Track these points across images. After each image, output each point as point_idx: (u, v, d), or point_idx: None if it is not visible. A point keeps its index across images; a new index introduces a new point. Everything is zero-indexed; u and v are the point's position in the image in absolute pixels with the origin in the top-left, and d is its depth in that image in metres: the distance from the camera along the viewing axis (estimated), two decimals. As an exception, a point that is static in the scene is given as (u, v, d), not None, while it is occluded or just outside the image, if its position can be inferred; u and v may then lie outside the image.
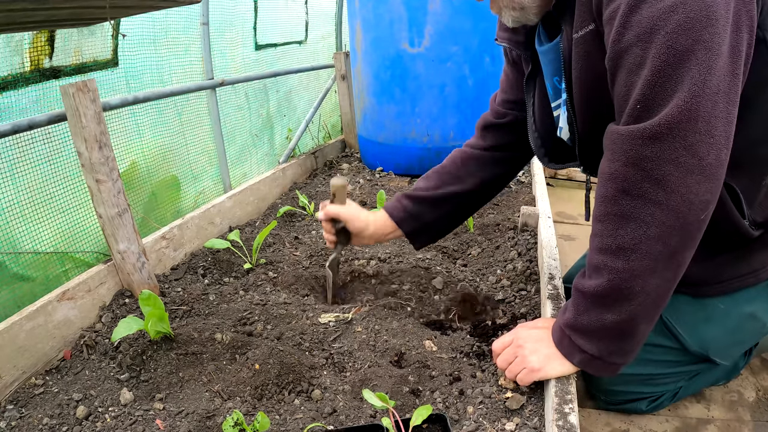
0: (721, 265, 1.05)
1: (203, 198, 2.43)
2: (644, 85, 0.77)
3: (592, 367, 0.94)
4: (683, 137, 0.75)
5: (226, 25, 2.54)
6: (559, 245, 2.24)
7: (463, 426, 0.97)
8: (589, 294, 0.90)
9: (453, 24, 2.31)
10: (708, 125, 0.75)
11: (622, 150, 0.81)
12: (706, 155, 0.76)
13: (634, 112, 0.80)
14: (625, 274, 0.84)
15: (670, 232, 0.80)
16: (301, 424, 1.01)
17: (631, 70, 0.79)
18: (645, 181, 0.79)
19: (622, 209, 0.82)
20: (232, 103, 2.67)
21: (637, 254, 0.82)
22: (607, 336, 0.90)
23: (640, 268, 0.83)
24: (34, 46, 1.57)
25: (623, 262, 0.84)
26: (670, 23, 0.74)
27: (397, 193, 1.41)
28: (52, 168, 1.63)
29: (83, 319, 1.32)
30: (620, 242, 0.84)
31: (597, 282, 0.88)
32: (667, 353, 1.14)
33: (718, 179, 0.79)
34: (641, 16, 0.76)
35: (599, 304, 0.89)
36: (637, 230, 0.82)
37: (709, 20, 0.73)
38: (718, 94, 0.75)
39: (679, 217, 0.79)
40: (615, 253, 0.85)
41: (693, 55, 0.73)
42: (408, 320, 1.34)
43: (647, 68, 0.77)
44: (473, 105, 2.48)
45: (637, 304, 0.85)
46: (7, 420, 1.04)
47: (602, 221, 0.87)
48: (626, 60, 0.80)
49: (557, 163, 1.23)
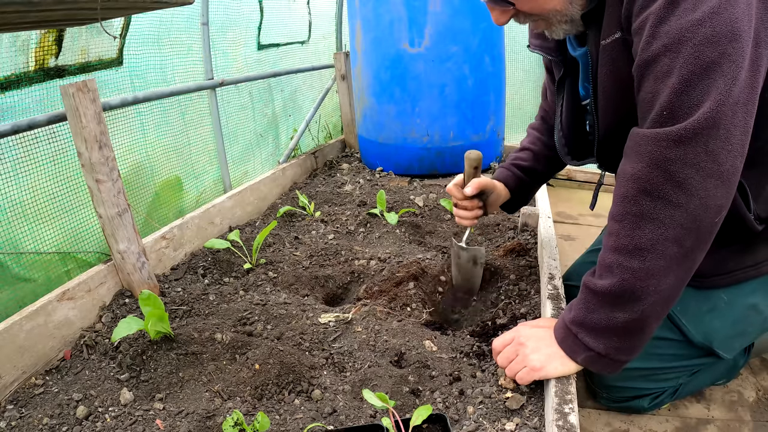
0: (725, 258, 1.09)
1: (204, 198, 2.44)
2: (671, 93, 0.81)
3: (597, 365, 0.95)
4: (705, 143, 0.79)
5: (229, 24, 2.54)
6: (559, 245, 2.24)
7: (463, 426, 0.97)
8: (601, 293, 0.91)
9: (453, 24, 2.31)
10: (728, 133, 0.79)
11: (646, 151, 0.84)
12: (724, 161, 0.80)
13: (660, 117, 0.83)
14: (641, 273, 0.86)
15: (687, 234, 0.83)
16: (301, 424, 1.01)
17: (658, 77, 0.83)
18: (667, 183, 0.82)
19: (642, 209, 0.85)
20: (235, 103, 2.67)
21: (653, 255, 0.85)
22: (616, 334, 0.91)
23: (655, 269, 0.85)
24: (41, 46, 1.56)
25: (639, 262, 0.86)
26: (698, 35, 0.78)
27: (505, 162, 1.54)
28: (55, 168, 1.64)
29: (83, 319, 1.32)
30: (637, 242, 0.86)
31: (610, 281, 0.89)
32: (671, 346, 1.16)
33: (733, 185, 0.83)
34: (669, 27, 0.80)
35: (611, 303, 0.90)
36: (655, 231, 0.84)
37: (734, 35, 0.77)
38: (738, 105, 0.79)
39: (696, 219, 0.82)
40: (631, 252, 0.87)
41: (719, 67, 0.78)
42: (408, 320, 1.34)
43: (675, 77, 0.80)
44: (473, 105, 2.48)
45: (650, 303, 0.87)
46: (7, 420, 1.04)
47: (620, 221, 0.89)
48: (654, 68, 0.84)
49: (577, 161, 1.31)
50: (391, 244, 1.80)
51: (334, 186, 2.46)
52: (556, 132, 1.31)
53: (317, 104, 3.18)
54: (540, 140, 1.49)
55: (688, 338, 1.14)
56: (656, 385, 1.21)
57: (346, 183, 2.49)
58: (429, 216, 2.07)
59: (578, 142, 1.29)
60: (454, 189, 1.44)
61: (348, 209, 2.13)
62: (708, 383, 1.32)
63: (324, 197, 2.30)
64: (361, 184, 2.47)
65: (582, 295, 0.96)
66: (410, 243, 1.83)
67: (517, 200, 1.53)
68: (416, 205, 2.14)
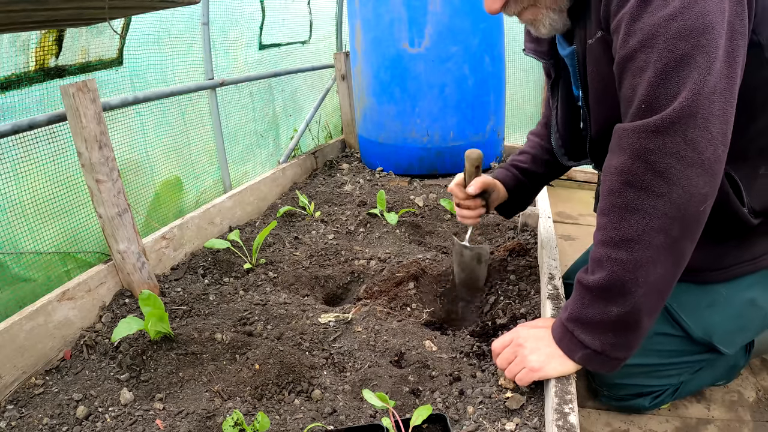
0: (723, 253, 1.10)
1: (204, 198, 2.44)
2: (648, 86, 0.83)
3: (594, 363, 0.95)
4: (684, 132, 0.80)
5: (230, 24, 2.54)
6: (559, 245, 2.24)
7: (463, 426, 0.97)
8: (593, 287, 0.92)
9: (453, 24, 2.31)
10: (706, 122, 0.80)
11: (627, 144, 0.86)
12: (704, 150, 0.81)
13: (639, 111, 0.85)
14: (629, 265, 0.87)
15: (672, 223, 0.84)
16: (301, 424, 1.01)
17: (636, 73, 0.85)
18: (648, 172, 0.83)
19: (626, 201, 0.86)
20: (236, 103, 2.67)
21: (639, 245, 0.86)
22: (611, 329, 0.92)
23: (642, 259, 0.86)
24: (41, 46, 1.56)
25: (626, 253, 0.87)
26: (670, 30, 0.81)
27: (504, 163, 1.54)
28: (55, 168, 1.64)
29: (83, 319, 1.32)
30: (624, 234, 0.87)
31: (601, 275, 0.90)
32: (672, 342, 1.17)
33: (716, 174, 0.84)
34: (643, 23, 0.83)
35: (603, 297, 0.91)
36: (640, 221, 0.85)
37: (706, 27, 0.80)
38: (715, 95, 0.80)
39: (680, 208, 0.83)
40: (618, 244, 0.88)
41: (693, 59, 0.80)
42: (408, 320, 1.34)
43: (650, 70, 0.83)
44: (473, 105, 2.48)
45: (641, 295, 0.88)
46: (7, 420, 1.04)
47: (607, 214, 0.90)
48: (631, 65, 0.86)
49: (575, 161, 1.33)
50: (391, 244, 1.80)
51: (334, 186, 2.46)
52: (553, 133, 1.33)
53: (317, 104, 3.18)
54: (539, 144, 1.49)
55: (689, 333, 1.15)
56: (658, 382, 1.21)
57: (346, 183, 2.49)
58: (429, 216, 2.07)
59: (575, 142, 1.30)
60: (456, 189, 1.43)
61: (348, 209, 2.13)
62: (708, 383, 1.32)
63: (324, 197, 2.30)
64: (361, 184, 2.47)
65: (576, 293, 0.97)
66: (410, 243, 1.83)
67: (514, 202, 1.53)
68: (416, 205, 2.14)
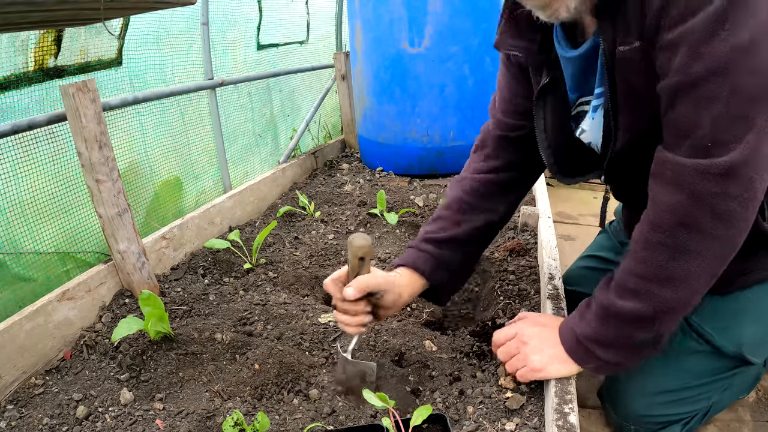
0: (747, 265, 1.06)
1: (204, 198, 2.44)
2: (715, 122, 0.77)
3: (605, 371, 0.96)
4: (749, 176, 0.78)
5: (229, 24, 2.54)
6: (559, 245, 2.24)
7: (463, 426, 0.97)
8: (625, 315, 0.90)
9: (453, 24, 2.31)
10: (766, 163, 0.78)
11: (688, 183, 0.81)
12: (758, 189, 0.79)
13: (700, 147, 0.79)
14: (671, 303, 0.86)
15: (721, 263, 0.84)
16: (301, 424, 1.01)
17: (699, 103, 0.78)
18: (708, 216, 0.80)
19: (678, 242, 0.83)
20: (234, 103, 2.68)
21: (685, 284, 0.84)
22: (633, 349, 0.92)
23: (685, 297, 0.86)
24: (40, 46, 1.56)
25: (671, 292, 0.85)
26: (745, 64, 0.74)
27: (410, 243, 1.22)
28: (55, 167, 1.64)
29: (83, 319, 1.32)
30: (670, 273, 0.85)
31: (636, 305, 0.88)
32: (701, 361, 1.13)
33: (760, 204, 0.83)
34: (714, 49, 0.74)
35: (634, 326, 0.90)
36: (691, 262, 0.83)
37: None
38: None
39: (734, 247, 0.83)
40: (663, 282, 0.86)
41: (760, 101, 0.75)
42: (408, 320, 1.34)
43: (720, 105, 0.76)
44: (473, 105, 2.48)
45: (668, 320, 0.88)
46: (7, 420, 1.04)
47: (651, 249, 0.87)
48: (694, 92, 0.78)
49: (570, 177, 1.15)
50: (391, 244, 1.80)
51: (334, 186, 2.46)
52: (542, 147, 1.13)
53: (317, 104, 3.18)
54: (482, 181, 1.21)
55: (717, 347, 1.11)
56: (689, 408, 1.17)
57: (346, 183, 2.49)
58: (429, 216, 2.07)
59: (569, 155, 1.13)
60: (331, 285, 1.05)
61: (348, 209, 2.13)
62: (734, 399, 1.28)
63: (324, 197, 2.30)
64: (361, 184, 2.47)
65: (599, 313, 0.94)
66: (410, 243, 1.83)
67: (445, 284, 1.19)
68: (416, 205, 2.14)
